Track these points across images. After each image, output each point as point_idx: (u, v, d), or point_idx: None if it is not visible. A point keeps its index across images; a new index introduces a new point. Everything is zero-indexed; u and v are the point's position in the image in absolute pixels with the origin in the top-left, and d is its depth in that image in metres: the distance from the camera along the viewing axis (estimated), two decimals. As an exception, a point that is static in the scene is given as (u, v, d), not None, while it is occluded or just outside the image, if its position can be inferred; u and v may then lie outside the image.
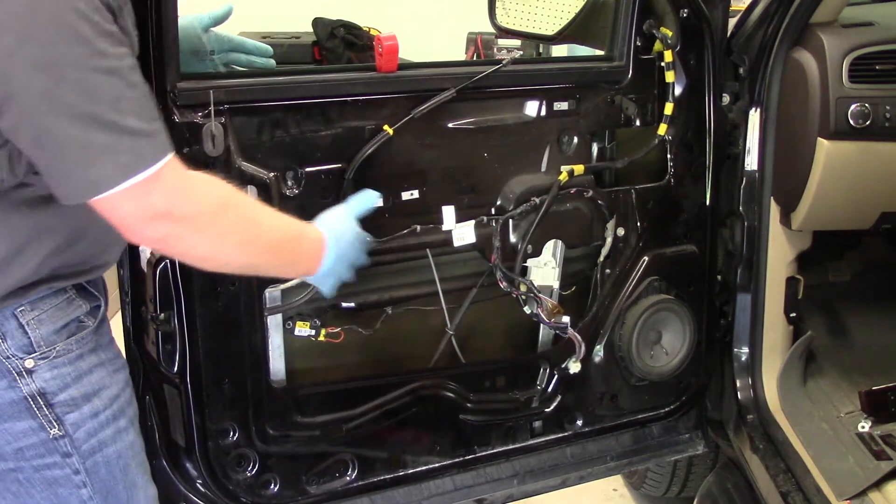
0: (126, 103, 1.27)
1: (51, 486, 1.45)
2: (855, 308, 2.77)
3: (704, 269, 2.35)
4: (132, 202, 1.28)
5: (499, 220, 2.08)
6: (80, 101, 1.23)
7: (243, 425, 1.93)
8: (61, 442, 1.44)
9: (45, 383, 1.41)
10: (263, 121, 1.83)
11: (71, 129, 1.23)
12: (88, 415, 1.47)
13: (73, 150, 1.25)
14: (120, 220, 1.32)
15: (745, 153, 2.32)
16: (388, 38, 1.88)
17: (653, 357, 2.31)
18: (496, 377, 2.20)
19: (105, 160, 1.25)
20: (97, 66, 1.24)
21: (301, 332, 1.95)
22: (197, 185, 1.37)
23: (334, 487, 2.05)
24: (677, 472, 2.85)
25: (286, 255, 1.54)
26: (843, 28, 2.24)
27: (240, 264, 1.48)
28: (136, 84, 1.30)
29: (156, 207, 1.30)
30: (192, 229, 1.35)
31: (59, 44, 1.21)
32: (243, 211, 1.44)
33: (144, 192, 1.28)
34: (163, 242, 1.36)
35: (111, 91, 1.26)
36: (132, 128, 1.27)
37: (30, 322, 1.40)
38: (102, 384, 1.50)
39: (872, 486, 2.05)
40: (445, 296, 2.11)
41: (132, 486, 1.57)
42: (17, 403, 1.40)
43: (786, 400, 2.38)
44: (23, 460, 1.43)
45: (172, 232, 1.33)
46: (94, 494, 1.49)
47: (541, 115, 2.11)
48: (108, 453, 1.50)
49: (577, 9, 2.33)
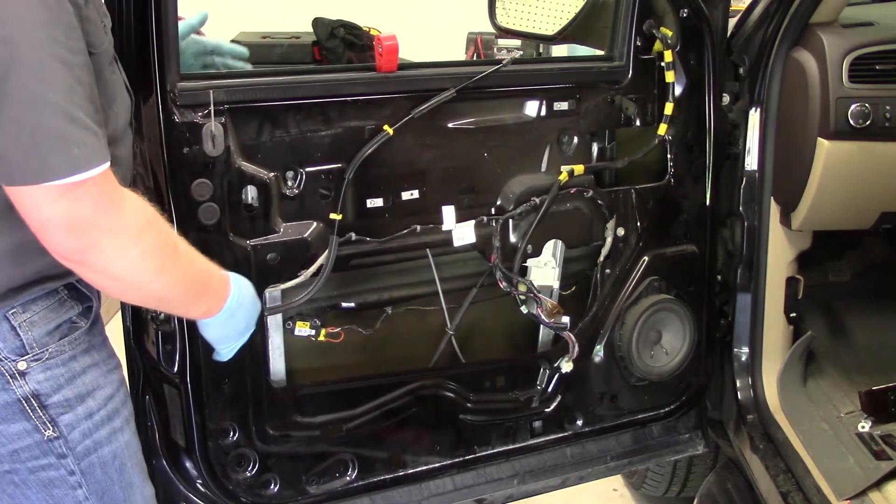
0: (77, 97, 1.25)
1: (46, 488, 1.45)
2: (855, 308, 2.77)
3: (704, 269, 2.35)
4: (61, 203, 1.24)
5: (499, 220, 2.08)
6: (36, 85, 1.20)
7: (243, 425, 1.93)
8: (56, 443, 1.44)
9: (38, 385, 1.41)
10: (263, 121, 1.83)
11: (23, 112, 1.20)
12: (83, 416, 1.46)
13: (23, 133, 1.21)
14: (42, 221, 1.27)
15: (745, 153, 2.32)
16: (388, 38, 1.88)
17: (653, 357, 2.31)
18: (496, 377, 2.20)
19: (56, 149, 1.22)
20: (55, 53, 1.22)
21: (301, 332, 1.95)
22: (127, 200, 1.33)
23: (334, 487, 2.05)
24: (677, 472, 2.85)
25: (195, 287, 1.50)
26: (843, 28, 2.24)
27: (150, 290, 1.42)
28: (85, 83, 1.27)
29: (82, 214, 1.26)
30: (115, 244, 1.31)
31: (16, 23, 1.19)
32: (165, 235, 1.41)
33: (77, 194, 1.24)
34: (80, 254, 1.30)
35: (65, 81, 1.23)
36: (84, 122, 1.25)
37: (21, 324, 1.39)
38: (96, 384, 1.49)
39: (872, 486, 2.05)
40: (445, 296, 2.11)
41: (128, 485, 1.56)
42: (10, 406, 1.39)
43: (786, 400, 2.38)
44: (18, 462, 1.42)
45: (94, 243, 1.29)
46: (89, 495, 1.49)
47: (541, 115, 2.11)
48: (103, 454, 1.50)
49: (577, 9, 2.33)
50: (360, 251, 1.96)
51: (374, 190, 1.95)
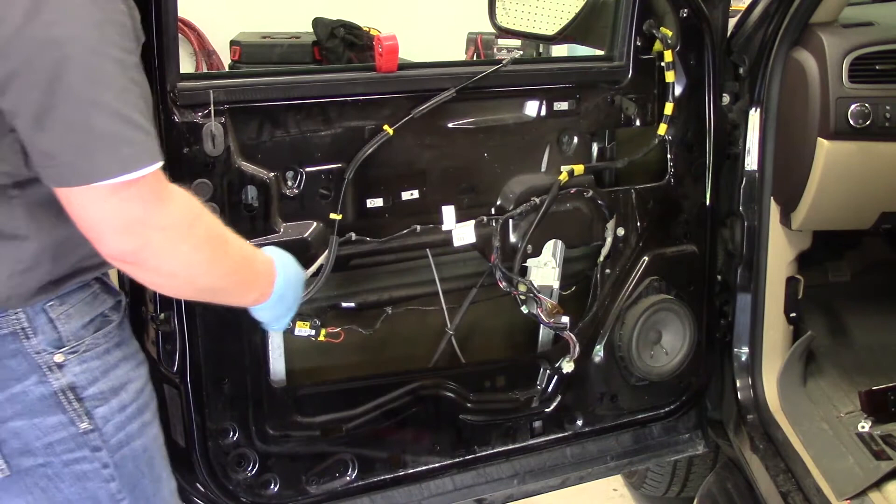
0: (131, 97, 1.25)
1: (80, 481, 1.45)
2: (855, 308, 2.77)
3: (704, 269, 2.35)
4: (112, 203, 1.24)
5: (499, 220, 2.08)
6: (86, 85, 1.21)
7: (243, 425, 1.93)
8: (91, 436, 1.44)
9: (74, 377, 1.42)
10: (263, 121, 1.83)
11: (76, 112, 1.21)
12: (116, 408, 1.47)
13: (75, 134, 1.21)
14: (93, 223, 1.27)
15: (745, 153, 2.32)
16: (388, 38, 1.88)
17: (653, 357, 2.31)
18: (496, 377, 2.20)
19: (106, 149, 1.22)
20: (106, 53, 1.22)
21: (301, 332, 1.94)
22: (174, 196, 1.33)
23: (334, 487, 2.05)
24: (677, 472, 2.85)
25: (246, 276, 1.50)
26: (843, 28, 2.24)
27: (203, 284, 1.42)
28: (139, 83, 1.28)
29: (133, 214, 1.26)
30: (166, 241, 1.31)
31: (69, 24, 1.20)
32: (214, 227, 1.41)
33: (128, 194, 1.24)
34: (133, 255, 1.30)
35: (118, 81, 1.24)
36: (137, 122, 1.25)
37: (59, 317, 1.40)
38: (128, 378, 1.50)
39: (872, 486, 2.05)
40: (445, 296, 2.11)
41: (157, 479, 1.57)
42: (47, 398, 1.40)
43: (786, 400, 2.38)
44: (52, 455, 1.43)
45: (147, 243, 1.29)
46: (122, 488, 1.49)
47: (541, 115, 2.11)
48: (134, 447, 1.51)
49: (577, 9, 2.33)
50: (360, 251, 1.96)
51: (374, 190, 1.95)
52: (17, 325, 1.37)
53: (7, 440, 1.40)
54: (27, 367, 1.38)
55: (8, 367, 1.38)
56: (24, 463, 1.42)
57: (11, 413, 1.39)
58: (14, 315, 1.37)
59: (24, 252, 1.34)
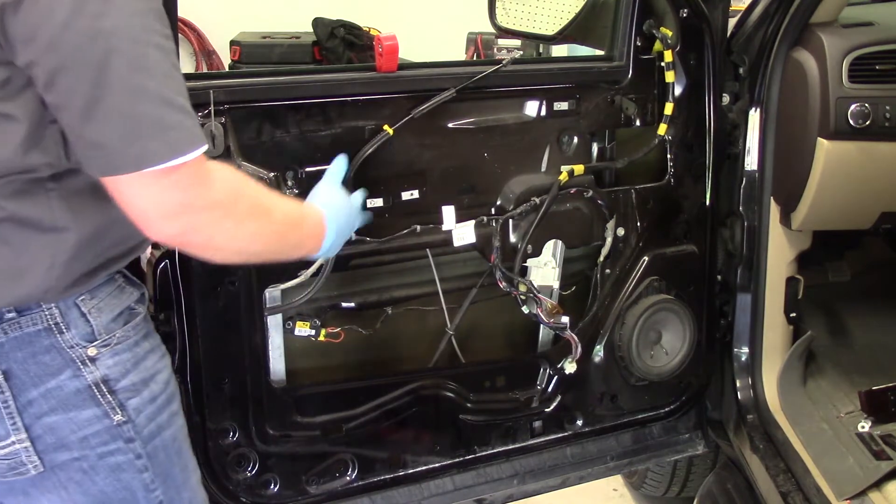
0: (174, 83, 1.28)
1: (114, 472, 1.47)
2: (855, 308, 2.77)
3: (704, 269, 2.35)
4: (159, 188, 1.27)
5: (499, 220, 2.08)
6: (134, 74, 1.23)
7: (243, 425, 1.93)
8: (124, 428, 1.45)
9: (107, 370, 1.43)
10: (263, 121, 1.83)
11: (124, 101, 1.23)
12: (147, 399, 1.48)
13: (124, 122, 1.23)
14: (141, 209, 1.30)
15: (745, 153, 2.32)
16: (388, 38, 1.88)
17: (653, 357, 2.31)
18: (496, 377, 2.20)
19: (154, 135, 1.25)
20: (149, 41, 1.25)
21: (301, 332, 1.95)
22: (215, 174, 1.36)
23: (334, 487, 2.05)
24: (677, 472, 2.85)
25: (293, 239, 1.55)
26: (843, 28, 2.24)
27: (251, 252, 1.48)
28: (178, 67, 1.31)
29: (180, 197, 1.30)
30: (212, 220, 1.35)
31: (113, 14, 1.21)
32: (256, 198, 1.45)
33: (175, 178, 1.27)
34: (181, 237, 1.35)
35: (161, 67, 1.26)
36: (181, 106, 1.27)
37: (91, 311, 1.42)
38: (156, 369, 1.52)
39: (872, 486, 2.05)
40: (445, 296, 2.11)
41: (185, 468, 1.59)
42: (81, 392, 1.41)
43: (786, 400, 2.38)
44: (87, 448, 1.44)
45: (193, 224, 1.33)
46: (154, 478, 1.51)
47: (541, 115, 2.11)
48: (165, 437, 1.52)
49: (577, 9, 2.33)
50: (360, 251, 1.96)
51: (374, 190, 1.95)
52: (50, 319, 1.38)
53: (42, 436, 1.41)
54: (61, 362, 1.40)
55: (42, 362, 1.39)
56: (58, 458, 1.43)
57: (47, 408, 1.40)
58: (48, 310, 1.38)
59: (66, 243, 1.36)
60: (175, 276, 1.79)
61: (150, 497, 1.51)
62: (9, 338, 1.37)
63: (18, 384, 1.38)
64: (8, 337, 1.37)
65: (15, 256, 1.34)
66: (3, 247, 1.33)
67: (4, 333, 1.37)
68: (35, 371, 1.39)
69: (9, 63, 1.24)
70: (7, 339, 1.37)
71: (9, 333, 1.37)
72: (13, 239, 1.33)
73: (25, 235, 1.33)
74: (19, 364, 1.38)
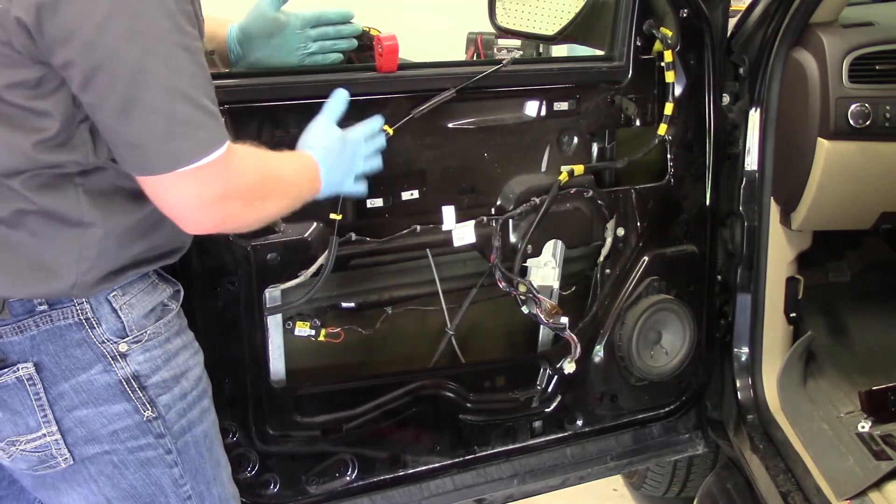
0: (200, 81, 1.31)
1: (144, 467, 1.48)
2: (855, 308, 2.77)
3: (704, 269, 2.35)
4: (194, 185, 1.31)
5: (499, 220, 2.08)
6: (167, 74, 1.25)
7: (243, 425, 1.93)
8: (155, 423, 1.47)
9: (138, 366, 1.45)
10: (263, 121, 1.83)
11: (159, 100, 1.26)
12: (178, 396, 1.50)
13: (159, 122, 1.26)
14: (176, 206, 1.34)
15: (745, 153, 2.32)
16: (388, 38, 1.88)
17: (653, 357, 2.31)
18: (496, 377, 2.20)
19: (186, 134, 1.28)
20: (179, 42, 1.27)
21: (301, 332, 1.95)
22: (244, 161, 1.40)
23: (334, 487, 2.05)
24: (677, 472, 2.85)
25: (300, 193, 1.58)
26: (843, 28, 2.24)
27: (272, 217, 1.55)
28: (204, 66, 1.33)
29: (215, 191, 1.33)
30: (244, 205, 1.40)
31: (148, 15, 1.24)
32: (273, 171, 1.49)
33: (208, 174, 1.31)
34: (216, 226, 1.40)
35: (190, 67, 1.29)
36: (207, 106, 1.31)
37: (122, 307, 1.43)
38: (188, 366, 1.53)
39: (872, 486, 2.05)
40: (445, 296, 2.11)
41: (216, 464, 1.60)
42: (112, 387, 1.43)
43: (786, 400, 2.38)
44: (117, 442, 1.45)
45: (229, 213, 1.37)
46: (184, 473, 1.52)
47: (541, 115, 2.11)
48: (196, 433, 1.54)
49: (577, 9, 2.33)
50: (360, 251, 1.96)
51: (374, 190, 1.94)
52: (81, 314, 1.40)
53: (72, 429, 1.43)
54: (92, 357, 1.41)
55: (73, 356, 1.41)
56: (88, 451, 1.45)
57: (77, 402, 1.42)
58: (79, 305, 1.40)
59: (91, 238, 1.37)
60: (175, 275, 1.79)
61: (180, 492, 1.53)
62: (40, 331, 1.39)
63: (49, 377, 1.40)
64: (39, 330, 1.39)
65: (42, 249, 1.36)
66: (32, 239, 1.35)
67: (36, 326, 1.39)
68: (66, 364, 1.40)
69: (44, 63, 1.27)
70: (39, 332, 1.39)
71: (40, 326, 1.39)
72: (41, 231, 1.35)
73: (52, 229, 1.35)
74: (51, 357, 1.40)
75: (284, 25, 1.84)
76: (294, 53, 1.86)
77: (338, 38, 1.89)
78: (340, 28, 1.89)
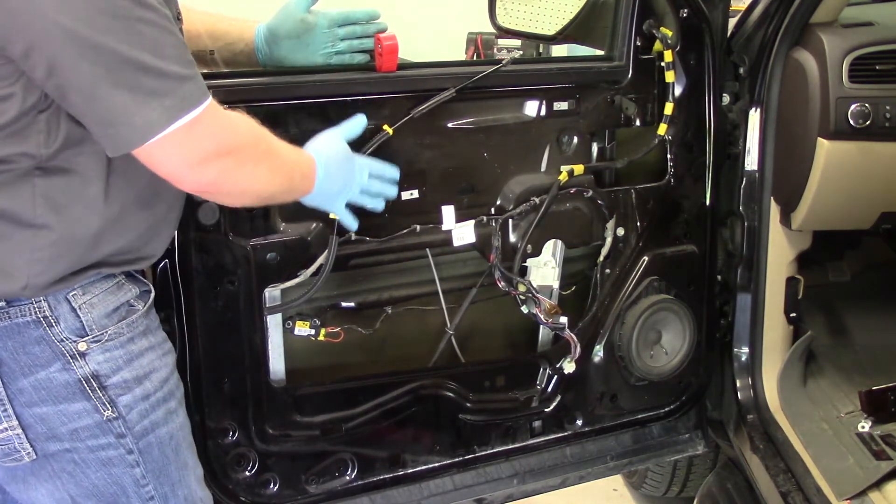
0: (168, 50, 1.31)
1: (105, 467, 1.48)
2: (855, 308, 2.77)
3: (704, 269, 2.35)
4: (179, 148, 1.32)
5: (498, 220, 2.08)
6: (125, 50, 1.26)
7: (243, 425, 1.93)
8: (115, 423, 1.47)
9: (98, 366, 1.44)
10: (263, 121, 1.82)
11: (121, 77, 1.27)
12: (140, 397, 1.49)
13: (121, 99, 1.27)
14: (169, 170, 1.36)
15: (745, 153, 2.32)
16: (388, 38, 1.88)
17: (653, 357, 2.31)
18: (496, 377, 2.20)
19: (152, 105, 1.29)
20: (140, 17, 1.27)
21: (301, 332, 1.95)
22: (235, 120, 1.43)
23: (334, 487, 2.05)
24: (677, 472, 2.85)
25: (293, 178, 1.59)
26: (843, 28, 2.24)
27: (266, 193, 1.54)
28: (174, 33, 1.34)
29: (203, 149, 1.35)
30: (238, 162, 1.41)
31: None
32: (266, 140, 1.50)
33: (190, 135, 1.32)
34: (214, 184, 1.41)
35: (153, 40, 1.29)
36: (175, 73, 1.31)
37: (82, 306, 1.43)
38: (153, 367, 1.52)
39: (872, 486, 2.05)
40: (445, 296, 2.11)
41: (183, 466, 1.60)
42: (71, 385, 1.43)
43: (786, 400, 2.38)
44: (78, 441, 1.45)
45: (222, 170, 1.39)
46: (146, 474, 1.52)
47: (541, 114, 2.11)
48: (160, 434, 1.53)
49: (577, 9, 2.33)
50: (360, 251, 1.97)
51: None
52: (39, 312, 1.40)
53: (32, 425, 1.43)
54: (51, 355, 1.41)
55: (32, 353, 1.40)
56: (50, 448, 1.44)
57: (37, 398, 1.42)
58: (36, 303, 1.39)
59: (43, 241, 1.37)
60: (175, 275, 1.79)
61: (142, 492, 1.52)
62: None
63: (9, 372, 1.40)
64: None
65: None
66: None
67: None
68: (25, 361, 1.40)
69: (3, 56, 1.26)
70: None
71: None
72: None
73: (5, 228, 1.35)
74: (9, 353, 1.40)
75: (313, 25, 1.86)
76: (321, 52, 1.88)
77: (365, 36, 1.90)
78: (367, 27, 1.90)
